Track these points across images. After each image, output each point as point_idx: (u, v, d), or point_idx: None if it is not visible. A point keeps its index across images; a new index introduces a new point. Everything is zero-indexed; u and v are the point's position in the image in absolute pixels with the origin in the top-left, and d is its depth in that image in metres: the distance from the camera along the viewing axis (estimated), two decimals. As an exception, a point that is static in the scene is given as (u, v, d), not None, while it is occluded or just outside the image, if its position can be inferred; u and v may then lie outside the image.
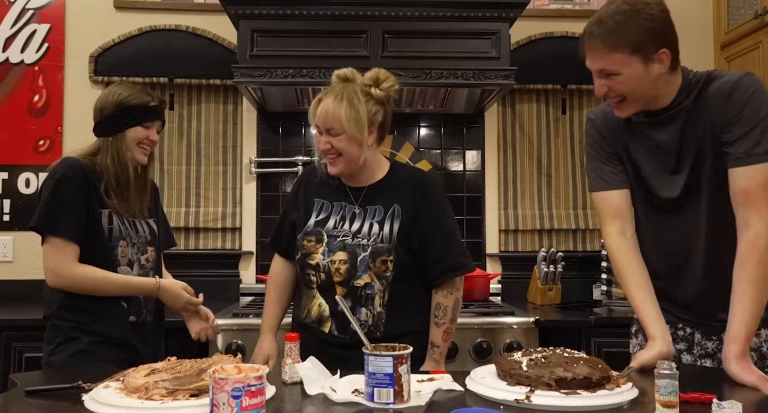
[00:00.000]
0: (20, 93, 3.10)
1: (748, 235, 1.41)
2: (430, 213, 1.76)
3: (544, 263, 2.96)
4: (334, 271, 1.73)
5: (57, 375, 1.52)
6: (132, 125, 1.85)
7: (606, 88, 1.47)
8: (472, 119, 3.24)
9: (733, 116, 1.42)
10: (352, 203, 1.79)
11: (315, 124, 1.74)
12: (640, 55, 1.42)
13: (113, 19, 3.16)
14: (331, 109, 1.67)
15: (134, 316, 1.85)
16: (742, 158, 1.42)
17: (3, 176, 3.08)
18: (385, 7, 2.62)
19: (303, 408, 1.24)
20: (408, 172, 1.86)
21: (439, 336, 1.75)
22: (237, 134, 3.19)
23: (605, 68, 1.44)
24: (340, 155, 1.71)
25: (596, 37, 1.43)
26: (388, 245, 1.72)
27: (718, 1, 3.24)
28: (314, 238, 1.77)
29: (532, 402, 1.20)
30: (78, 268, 1.75)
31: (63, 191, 1.76)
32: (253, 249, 3.14)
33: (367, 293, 1.72)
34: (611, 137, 1.60)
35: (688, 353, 1.60)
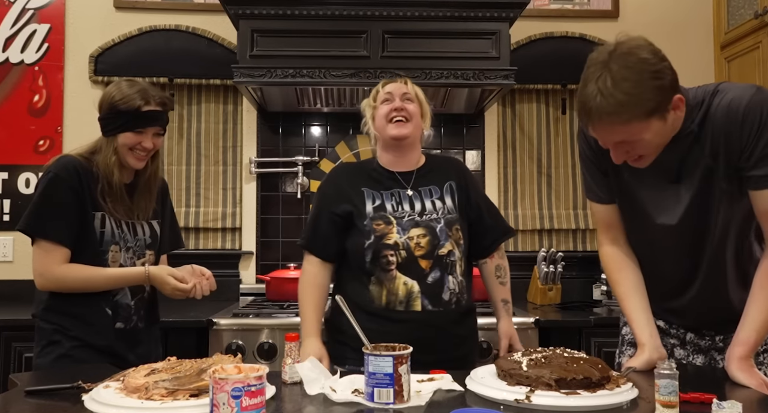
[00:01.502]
0: (20, 93, 3.10)
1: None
2: (477, 188, 1.95)
3: (544, 263, 2.96)
4: (414, 246, 1.76)
5: (57, 375, 1.52)
6: (122, 131, 1.77)
7: (626, 154, 1.37)
8: (472, 119, 3.24)
9: (752, 140, 1.34)
10: (404, 188, 1.85)
11: (386, 92, 1.86)
12: (658, 115, 1.29)
13: (113, 19, 3.16)
14: (410, 86, 1.89)
15: (122, 323, 1.80)
16: (758, 181, 1.36)
17: (3, 176, 3.08)
18: (385, 7, 2.62)
19: (303, 408, 1.24)
20: (445, 158, 2.07)
21: (507, 292, 1.97)
22: (237, 134, 3.19)
23: (624, 140, 1.32)
24: (409, 121, 1.83)
25: (605, 114, 1.27)
26: (456, 215, 1.84)
27: (718, 1, 3.24)
28: (381, 221, 1.78)
29: (532, 402, 1.20)
30: (64, 268, 1.71)
31: (55, 192, 1.72)
32: (253, 249, 3.14)
33: (452, 260, 1.79)
34: (600, 152, 1.50)
35: (681, 348, 1.60)
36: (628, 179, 1.50)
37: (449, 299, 1.77)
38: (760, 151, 1.34)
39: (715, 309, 1.50)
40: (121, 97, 1.76)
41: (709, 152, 1.39)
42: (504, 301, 1.95)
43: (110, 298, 1.78)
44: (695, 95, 1.42)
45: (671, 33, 3.26)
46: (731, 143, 1.36)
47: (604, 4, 3.29)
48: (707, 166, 1.40)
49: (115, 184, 1.77)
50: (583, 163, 1.60)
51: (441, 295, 1.76)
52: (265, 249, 3.15)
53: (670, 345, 1.60)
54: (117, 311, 1.79)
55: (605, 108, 1.26)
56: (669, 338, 1.60)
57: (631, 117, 1.27)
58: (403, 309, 1.74)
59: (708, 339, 1.56)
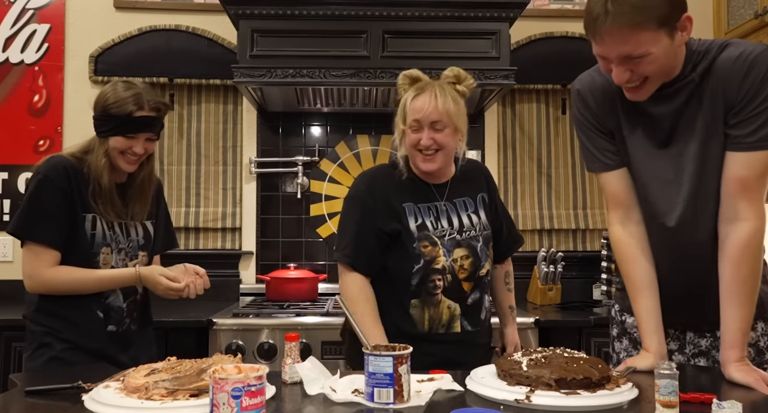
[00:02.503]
0: (20, 93, 3.10)
1: (741, 231, 1.31)
2: (497, 196, 1.92)
3: (544, 263, 2.96)
4: (459, 269, 1.73)
5: (57, 375, 1.52)
6: (113, 134, 1.73)
7: (629, 73, 1.29)
8: (472, 119, 3.21)
9: (749, 94, 1.27)
10: (439, 200, 1.78)
11: (414, 120, 1.68)
12: (667, 28, 1.24)
13: (113, 19, 3.16)
14: (440, 103, 1.66)
15: (114, 326, 1.77)
16: (744, 143, 1.29)
17: (3, 176, 3.08)
18: (385, 7, 2.62)
19: (303, 408, 1.24)
20: (470, 162, 1.90)
21: (513, 298, 1.98)
22: (237, 134, 3.19)
23: (631, 52, 1.25)
24: (439, 150, 1.69)
25: (615, 18, 1.21)
26: (489, 232, 1.82)
27: (718, 1, 3.24)
28: (428, 243, 1.71)
29: (532, 402, 1.20)
30: (53, 271, 1.69)
31: (43, 193, 1.69)
32: (253, 249, 3.14)
33: (488, 280, 1.81)
34: (602, 111, 1.44)
35: (680, 353, 1.54)
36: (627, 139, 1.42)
37: (485, 318, 1.80)
38: (749, 108, 1.28)
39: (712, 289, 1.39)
40: (115, 100, 1.72)
41: (708, 106, 1.31)
42: (511, 308, 1.97)
43: (101, 301, 1.76)
44: (701, 44, 1.35)
45: (671, 33, 3.25)
46: (729, 94, 1.29)
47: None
48: (705, 125, 1.32)
49: (105, 186, 1.74)
50: (581, 129, 1.49)
51: (479, 315, 1.77)
52: (265, 249, 3.15)
53: (669, 352, 1.54)
54: (109, 313, 1.77)
55: (614, 13, 1.20)
56: (666, 343, 1.49)
57: (643, 20, 1.21)
58: (443, 332, 1.72)
59: (709, 335, 1.48)
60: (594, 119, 1.46)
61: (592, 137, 1.47)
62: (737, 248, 1.32)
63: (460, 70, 1.77)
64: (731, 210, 1.33)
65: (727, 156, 1.32)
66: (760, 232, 1.32)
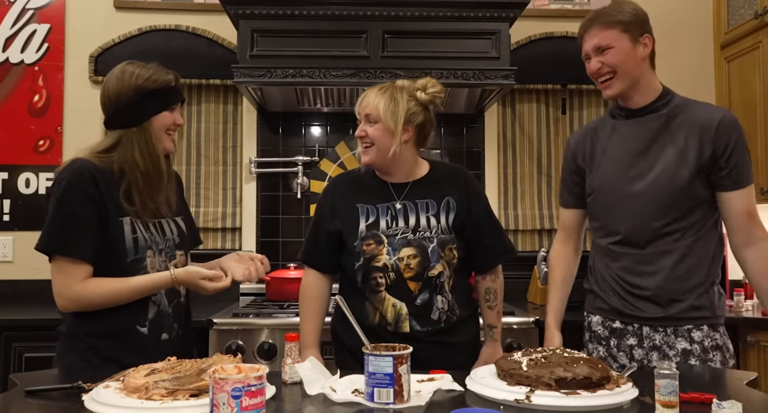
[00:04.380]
0: (20, 93, 3.10)
1: (763, 249, 1.66)
2: (480, 205, 1.86)
3: (544, 263, 2.96)
4: (404, 267, 1.74)
5: (57, 375, 1.52)
6: (158, 111, 1.62)
7: (600, 63, 1.73)
8: (472, 119, 3.24)
9: (726, 147, 1.67)
10: (396, 200, 1.81)
11: (357, 111, 1.81)
12: (629, 35, 1.71)
13: (113, 19, 3.16)
14: (372, 98, 1.77)
15: (167, 334, 1.65)
16: (739, 183, 1.67)
17: (3, 176, 3.08)
18: (385, 7, 2.62)
19: (303, 408, 1.24)
20: (450, 168, 1.94)
21: (494, 317, 1.89)
22: (237, 134, 3.19)
23: (600, 44, 1.71)
24: (373, 145, 1.77)
25: (592, 21, 1.74)
26: (451, 236, 1.79)
27: (718, 1, 3.24)
28: (373, 241, 1.76)
29: (532, 402, 1.20)
30: (84, 285, 1.54)
31: (70, 202, 1.54)
32: (253, 249, 3.14)
33: (441, 281, 1.77)
34: (579, 145, 1.87)
35: (639, 347, 1.74)
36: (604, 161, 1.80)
37: (438, 318, 1.77)
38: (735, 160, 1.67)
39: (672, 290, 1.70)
40: (149, 74, 1.62)
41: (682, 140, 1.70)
42: (490, 326, 1.89)
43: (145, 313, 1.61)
44: (673, 93, 1.78)
45: (671, 33, 3.25)
46: (717, 147, 1.67)
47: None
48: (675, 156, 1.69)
49: (163, 171, 1.64)
50: (562, 172, 1.96)
51: (430, 316, 1.76)
52: (265, 249, 3.15)
53: (629, 348, 1.75)
54: (162, 321, 1.64)
55: (591, 19, 1.75)
56: (628, 337, 1.75)
57: (611, 23, 1.71)
58: (392, 330, 1.74)
59: (662, 330, 1.71)
60: (571, 158, 1.90)
61: (566, 178, 1.93)
62: (764, 263, 1.66)
63: (431, 80, 1.82)
64: (745, 237, 1.68)
65: (725, 197, 1.68)
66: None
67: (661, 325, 1.70)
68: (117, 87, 1.62)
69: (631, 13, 1.72)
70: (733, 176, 1.67)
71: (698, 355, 1.66)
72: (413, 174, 1.84)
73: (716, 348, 1.68)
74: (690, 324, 1.67)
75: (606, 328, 1.80)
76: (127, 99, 1.61)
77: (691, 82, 3.25)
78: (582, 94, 3.27)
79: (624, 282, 1.74)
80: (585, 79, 1.85)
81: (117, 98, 1.61)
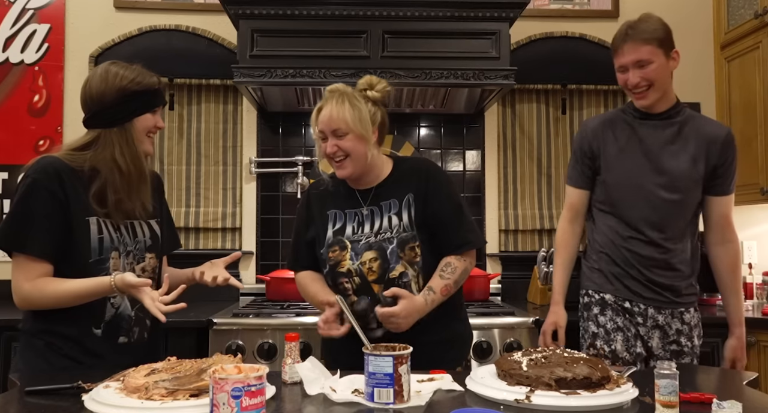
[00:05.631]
0: (20, 93, 3.10)
1: (732, 248, 1.99)
2: (438, 195, 1.80)
3: (544, 263, 2.96)
4: (367, 271, 1.75)
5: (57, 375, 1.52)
6: (141, 113, 1.62)
7: (639, 77, 1.89)
8: (472, 119, 3.24)
9: (726, 160, 1.94)
10: (362, 206, 1.81)
11: (319, 130, 1.77)
12: (664, 50, 1.89)
13: (113, 19, 3.16)
14: (335, 111, 1.73)
15: (125, 337, 1.63)
16: (725, 190, 1.96)
17: (3, 176, 3.08)
18: (385, 7, 2.62)
19: (303, 408, 1.24)
20: (412, 162, 1.91)
21: (440, 285, 1.73)
22: (237, 134, 3.19)
23: (641, 58, 1.88)
24: (347, 157, 1.74)
25: (632, 36, 1.88)
26: (412, 232, 1.76)
27: (718, 1, 3.24)
28: (337, 247, 1.78)
29: (532, 402, 1.20)
30: (32, 285, 1.51)
31: (32, 200, 1.52)
32: (253, 249, 3.14)
33: (404, 281, 1.75)
34: (596, 138, 2.02)
35: (643, 326, 1.98)
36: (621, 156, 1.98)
37: None
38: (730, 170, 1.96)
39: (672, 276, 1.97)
40: (134, 76, 1.61)
41: (693, 149, 1.93)
42: (429, 288, 1.72)
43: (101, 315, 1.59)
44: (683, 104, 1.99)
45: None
46: (719, 158, 1.93)
47: (604, 4, 3.29)
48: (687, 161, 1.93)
49: (145, 172, 1.63)
50: (574, 153, 2.09)
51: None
52: (265, 249, 3.15)
53: (634, 328, 1.98)
54: (120, 324, 1.61)
55: (631, 33, 1.89)
56: (635, 316, 1.98)
57: (649, 38, 1.87)
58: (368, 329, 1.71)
59: (665, 312, 1.97)
60: (588, 144, 2.04)
61: (579, 160, 2.07)
62: (733, 259, 1.99)
63: (372, 77, 1.82)
64: (721, 236, 1.99)
65: (713, 200, 1.98)
66: (739, 248, 2.02)
67: (665, 307, 1.97)
68: (100, 87, 1.60)
69: (664, 29, 1.90)
70: (724, 184, 1.96)
71: (686, 333, 1.98)
72: (380, 176, 1.82)
73: (697, 325, 2.01)
74: (683, 307, 1.99)
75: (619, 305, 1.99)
76: (110, 99, 1.59)
77: (691, 82, 3.25)
78: (582, 94, 3.26)
79: (638, 272, 1.97)
80: (585, 79, 1.88)
81: (100, 98, 1.60)
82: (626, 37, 1.89)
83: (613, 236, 2.00)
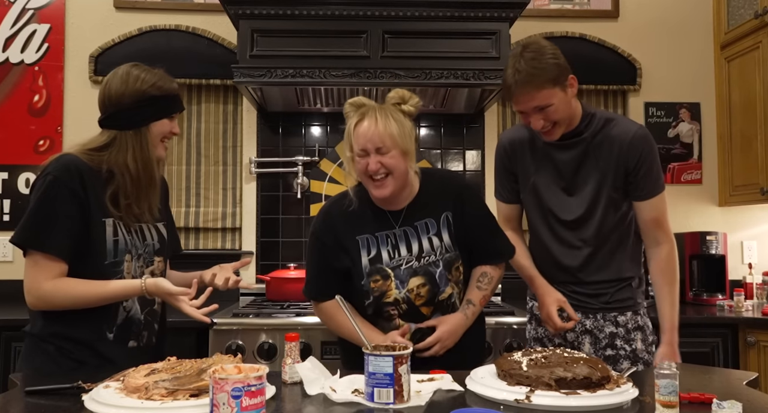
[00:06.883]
0: (20, 93, 3.10)
1: (662, 250, 1.86)
2: (473, 209, 1.79)
3: (544, 263, 2.96)
4: (415, 297, 1.70)
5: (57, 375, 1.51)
6: (158, 118, 1.60)
7: (542, 121, 1.77)
8: (472, 119, 3.24)
9: (642, 163, 1.81)
10: (395, 227, 1.73)
11: (361, 148, 1.65)
12: (559, 86, 1.74)
13: (113, 19, 3.16)
14: (381, 126, 1.63)
15: (134, 341, 1.62)
16: (646, 194, 1.83)
17: (3, 176, 3.08)
18: (385, 7, 2.62)
19: (303, 408, 1.24)
20: (439, 177, 1.84)
21: (478, 297, 1.75)
22: (237, 134, 3.19)
23: (539, 104, 1.73)
24: (389, 175, 1.65)
25: (522, 84, 1.71)
26: (455, 252, 1.73)
27: (718, 1, 3.24)
28: (379, 277, 1.70)
29: (532, 402, 1.20)
30: (53, 284, 1.50)
31: (53, 198, 1.50)
32: (253, 249, 3.14)
33: (452, 301, 1.73)
34: (513, 158, 1.95)
35: (571, 331, 1.90)
36: (535, 181, 1.91)
37: None
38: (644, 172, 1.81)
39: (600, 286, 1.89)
40: (154, 81, 1.59)
41: (603, 162, 1.83)
42: (469, 301, 1.75)
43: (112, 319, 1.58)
44: (587, 107, 1.87)
45: (671, 33, 3.25)
46: (629, 162, 1.81)
47: (604, 4, 3.29)
48: (597, 178, 1.84)
49: (155, 178, 1.61)
50: (497, 170, 2.03)
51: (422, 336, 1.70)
52: (265, 249, 3.15)
53: (559, 337, 1.92)
54: (130, 328, 1.60)
55: (520, 80, 1.71)
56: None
57: (541, 83, 1.71)
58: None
59: (592, 317, 1.90)
60: (507, 162, 1.99)
61: (503, 176, 2.01)
62: (662, 263, 1.86)
63: (404, 91, 1.75)
64: (652, 240, 1.87)
65: (638, 206, 1.86)
66: (674, 250, 1.88)
67: (592, 313, 1.90)
68: (120, 89, 1.59)
69: (553, 63, 1.73)
70: (642, 189, 1.84)
71: (622, 336, 1.88)
72: (411, 195, 1.75)
73: (639, 329, 1.90)
74: (616, 312, 1.89)
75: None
76: (128, 102, 1.58)
77: (691, 82, 3.25)
78: (581, 94, 3.26)
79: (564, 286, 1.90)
80: (585, 79, 1.87)
81: (118, 100, 1.59)
82: (517, 85, 1.72)
83: (539, 246, 1.95)
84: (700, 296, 3.01)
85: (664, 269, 1.86)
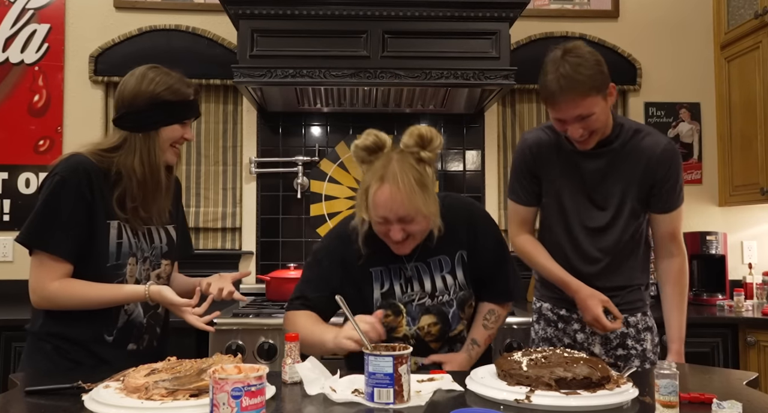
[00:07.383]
0: (20, 93, 3.10)
1: (675, 263, 1.86)
2: (487, 244, 1.71)
3: (544, 263, 2.96)
4: (425, 335, 1.67)
5: (57, 375, 1.51)
6: (169, 123, 1.58)
7: (581, 129, 1.71)
8: (472, 119, 3.24)
9: (669, 177, 1.80)
10: (407, 261, 1.66)
11: (380, 216, 1.52)
12: (602, 94, 1.69)
13: (113, 19, 3.16)
14: (406, 197, 1.49)
15: (134, 344, 1.62)
16: (667, 208, 1.83)
17: (3, 176, 3.08)
18: (385, 7, 2.62)
19: (303, 408, 1.24)
20: (452, 208, 1.68)
21: (483, 337, 1.71)
22: (237, 134, 3.19)
23: (582, 113, 1.67)
24: (410, 237, 1.57)
25: (567, 90, 1.64)
26: (469, 290, 1.70)
27: (718, 1, 3.24)
28: (390, 312, 1.64)
29: (532, 402, 1.20)
30: (58, 285, 1.50)
31: (60, 198, 1.50)
32: (253, 249, 3.14)
33: (462, 336, 1.72)
34: (540, 160, 1.87)
35: (582, 332, 1.90)
36: (559, 187, 1.86)
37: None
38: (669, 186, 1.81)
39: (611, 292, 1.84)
40: (168, 85, 1.57)
41: (628, 174, 1.81)
42: (474, 341, 1.69)
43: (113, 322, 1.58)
44: (622, 120, 1.84)
45: (671, 33, 3.25)
46: (656, 174, 1.80)
47: (604, 4, 3.29)
48: (622, 189, 1.82)
49: (161, 183, 1.59)
50: (518, 171, 1.93)
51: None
52: (265, 249, 3.15)
53: (573, 332, 1.92)
54: (131, 331, 1.61)
55: (566, 87, 1.64)
56: (573, 323, 1.92)
57: (586, 90, 1.64)
58: None
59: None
60: (532, 164, 1.89)
61: (524, 178, 1.92)
62: (675, 275, 1.87)
63: (422, 130, 1.57)
64: (666, 251, 1.88)
65: (656, 218, 1.86)
66: (686, 263, 1.89)
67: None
68: (134, 89, 1.57)
69: (597, 70, 1.65)
70: (665, 202, 1.84)
71: (633, 336, 1.88)
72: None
73: (648, 329, 1.91)
74: (626, 313, 1.86)
75: (554, 314, 1.95)
76: (141, 104, 1.56)
77: (691, 82, 3.25)
78: (582, 94, 3.27)
79: None
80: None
81: (131, 100, 1.57)
82: (561, 91, 1.63)
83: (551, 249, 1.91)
84: (700, 296, 3.01)
85: (676, 281, 1.86)
